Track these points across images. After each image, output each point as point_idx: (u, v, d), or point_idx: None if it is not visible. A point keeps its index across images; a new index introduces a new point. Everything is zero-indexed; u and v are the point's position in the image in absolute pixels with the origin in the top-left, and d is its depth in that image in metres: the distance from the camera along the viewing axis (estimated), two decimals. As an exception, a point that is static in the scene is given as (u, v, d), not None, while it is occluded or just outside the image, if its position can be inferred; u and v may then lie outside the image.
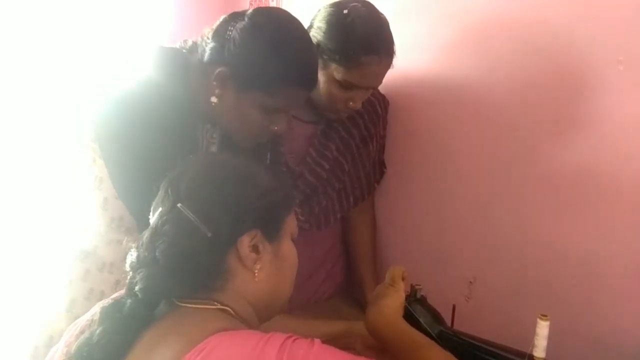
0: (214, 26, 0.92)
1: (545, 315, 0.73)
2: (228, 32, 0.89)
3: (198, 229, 0.63)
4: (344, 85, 1.07)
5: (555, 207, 1.00)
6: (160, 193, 0.68)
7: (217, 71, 0.88)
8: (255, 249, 0.67)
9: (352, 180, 1.28)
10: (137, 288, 0.61)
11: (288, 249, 0.73)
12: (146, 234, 0.65)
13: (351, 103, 1.10)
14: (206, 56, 0.90)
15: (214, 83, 0.89)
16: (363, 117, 1.22)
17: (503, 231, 1.10)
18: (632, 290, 0.91)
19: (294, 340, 0.57)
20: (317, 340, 0.57)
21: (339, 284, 1.44)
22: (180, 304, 0.63)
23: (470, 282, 1.18)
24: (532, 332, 0.74)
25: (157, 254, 0.62)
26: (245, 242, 0.66)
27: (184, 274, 0.63)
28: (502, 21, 1.04)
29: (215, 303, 0.63)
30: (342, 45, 1.04)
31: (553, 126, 0.99)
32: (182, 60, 0.93)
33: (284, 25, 0.92)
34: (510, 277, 1.10)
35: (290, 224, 0.74)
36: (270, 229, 0.69)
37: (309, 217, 1.24)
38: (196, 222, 0.63)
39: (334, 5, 1.08)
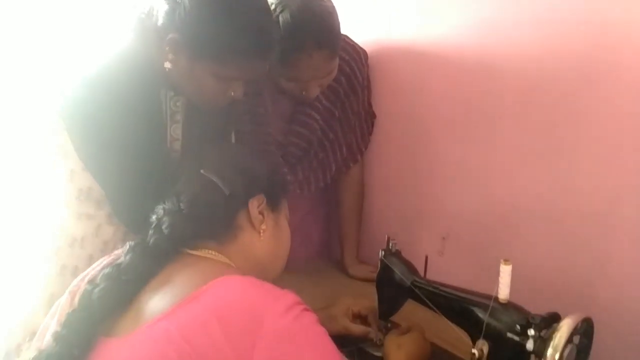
0: None
1: (507, 260, 0.76)
2: None
3: (218, 188, 0.73)
4: (289, 79, 1.05)
5: (521, 164, 1.02)
6: (182, 167, 0.80)
7: (168, 37, 0.85)
8: (261, 213, 0.77)
9: (344, 129, 1.26)
10: (163, 227, 0.70)
11: (285, 223, 0.84)
12: (170, 198, 0.74)
13: (304, 92, 1.07)
14: (159, 20, 0.87)
15: (167, 49, 0.86)
16: (350, 64, 1.20)
17: (473, 188, 1.13)
18: (591, 238, 0.94)
19: (304, 309, 0.62)
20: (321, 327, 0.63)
21: (317, 246, 1.46)
22: (190, 251, 0.70)
23: (443, 237, 1.21)
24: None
25: (181, 205, 0.72)
26: (255, 204, 0.76)
27: (202, 222, 0.72)
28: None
29: (222, 257, 0.71)
30: None
31: (519, 85, 1.00)
32: (139, 25, 0.90)
33: None
34: (479, 231, 1.13)
35: (285, 207, 0.85)
36: (273, 200, 0.80)
37: (308, 174, 1.24)
38: (218, 182, 0.74)
39: None
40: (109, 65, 0.88)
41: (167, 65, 0.88)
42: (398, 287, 0.94)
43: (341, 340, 0.92)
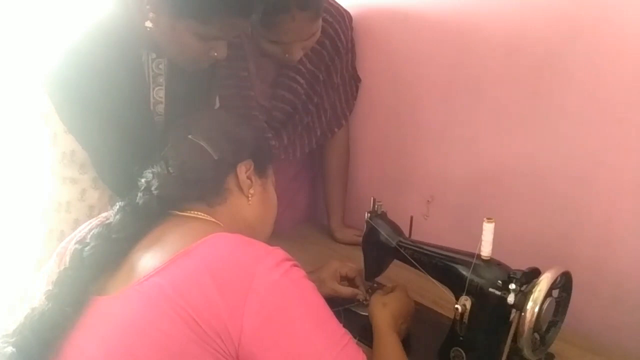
0: None
1: (490, 218, 0.78)
2: None
3: (206, 153, 0.74)
4: (272, 41, 1.04)
5: (506, 126, 1.04)
6: (170, 133, 0.79)
7: None
8: (249, 178, 0.78)
9: (329, 93, 1.25)
10: (153, 188, 0.70)
11: (272, 189, 0.85)
12: (158, 162, 0.73)
13: (287, 55, 1.06)
14: None
15: (147, 7, 0.83)
16: (334, 27, 1.18)
17: (458, 150, 1.14)
18: (572, 198, 0.97)
19: (294, 264, 0.63)
20: (310, 282, 0.64)
21: (303, 211, 1.47)
22: (179, 213, 0.71)
23: (428, 201, 1.22)
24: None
25: (170, 169, 0.72)
26: (243, 169, 0.77)
27: (191, 184, 0.72)
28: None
29: (211, 218, 0.72)
30: None
31: (504, 47, 1.00)
32: None
33: None
34: (464, 192, 1.15)
35: (271, 173, 0.85)
36: (261, 166, 0.81)
37: (293, 139, 1.24)
38: (206, 147, 0.74)
39: None
40: (88, 28, 0.85)
41: (148, 24, 0.85)
42: (383, 247, 0.96)
43: (329, 301, 0.93)
